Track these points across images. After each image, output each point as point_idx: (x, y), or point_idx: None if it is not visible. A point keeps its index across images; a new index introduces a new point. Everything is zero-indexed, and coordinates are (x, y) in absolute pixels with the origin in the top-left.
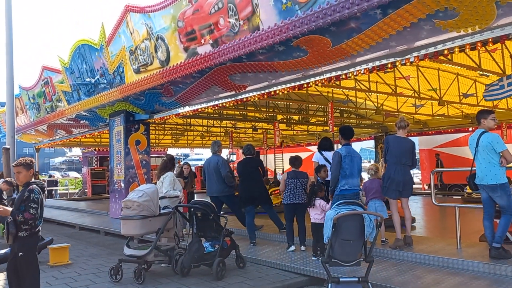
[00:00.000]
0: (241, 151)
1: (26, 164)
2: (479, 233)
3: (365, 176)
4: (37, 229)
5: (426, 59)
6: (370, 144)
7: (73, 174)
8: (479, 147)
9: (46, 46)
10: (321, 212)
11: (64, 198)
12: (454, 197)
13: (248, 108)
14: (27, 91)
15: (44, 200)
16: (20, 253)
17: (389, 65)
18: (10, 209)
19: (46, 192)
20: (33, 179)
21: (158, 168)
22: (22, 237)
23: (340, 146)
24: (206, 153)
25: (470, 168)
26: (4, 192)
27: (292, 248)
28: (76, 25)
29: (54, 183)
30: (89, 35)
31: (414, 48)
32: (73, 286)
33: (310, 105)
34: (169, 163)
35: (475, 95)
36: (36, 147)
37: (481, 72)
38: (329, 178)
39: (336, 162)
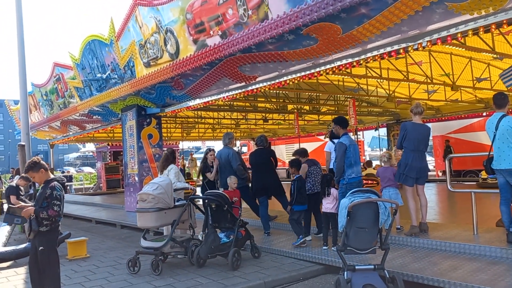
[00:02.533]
0: (252, 142)
1: (32, 167)
2: (496, 218)
3: (376, 163)
4: (58, 224)
5: (439, 43)
6: (381, 132)
7: (87, 169)
8: (498, 130)
9: (57, 42)
10: (332, 201)
11: (80, 193)
12: (466, 183)
13: (258, 99)
14: (40, 88)
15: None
16: (41, 248)
17: (401, 51)
18: (32, 208)
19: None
20: (52, 175)
21: (160, 162)
22: (43, 232)
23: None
24: (217, 146)
25: (488, 153)
26: (22, 188)
27: (309, 238)
28: (84, 17)
29: (69, 178)
30: (98, 29)
31: (427, 32)
32: (92, 279)
33: (320, 94)
34: (170, 156)
35: (488, 79)
36: (50, 143)
37: (495, 56)
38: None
39: (341, 153)
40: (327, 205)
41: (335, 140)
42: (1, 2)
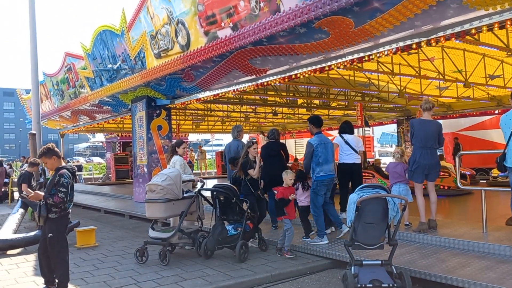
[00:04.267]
0: (260, 136)
1: (45, 152)
2: (505, 217)
3: (387, 160)
4: (67, 211)
5: (453, 39)
6: (392, 128)
7: (96, 159)
8: None
9: (68, 32)
10: (308, 195)
11: (89, 182)
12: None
13: (268, 92)
14: (51, 77)
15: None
16: (50, 234)
17: (414, 46)
18: (42, 193)
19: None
20: (63, 164)
21: (168, 153)
22: (52, 218)
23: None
24: (226, 139)
25: (504, 150)
26: (34, 175)
27: (328, 231)
28: (96, 7)
29: (78, 168)
30: (110, 19)
31: (440, 27)
32: (100, 267)
33: (331, 89)
34: (173, 147)
35: (502, 76)
36: (61, 133)
37: (509, 53)
38: None
39: (308, 152)
40: (306, 199)
41: (345, 135)
42: None
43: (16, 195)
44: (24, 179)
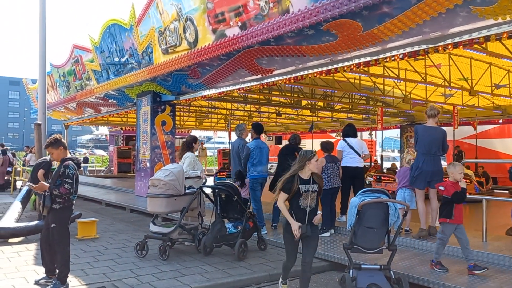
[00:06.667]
0: (264, 136)
1: (52, 143)
2: (506, 227)
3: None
4: (71, 202)
5: (460, 47)
6: (394, 133)
7: (99, 152)
8: None
9: (77, 24)
10: (245, 190)
11: (91, 175)
12: None
13: (273, 92)
14: (58, 69)
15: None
16: (53, 225)
17: (421, 52)
18: (47, 184)
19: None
20: (68, 155)
21: (179, 149)
22: (56, 209)
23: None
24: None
25: None
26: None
27: (327, 234)
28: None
29: (85, 160)
30: (119, 13)
31: (448, 35)
32: (100, 259)
33: (335, 91)
34: (186, 143)
35: (507, 86)
36: (65, 124)
37: None
38: None
39: (245, 154)
40: (243, 193)
41: (349, 139)
42: None
43: (19, 184)
44: (44, 166)
